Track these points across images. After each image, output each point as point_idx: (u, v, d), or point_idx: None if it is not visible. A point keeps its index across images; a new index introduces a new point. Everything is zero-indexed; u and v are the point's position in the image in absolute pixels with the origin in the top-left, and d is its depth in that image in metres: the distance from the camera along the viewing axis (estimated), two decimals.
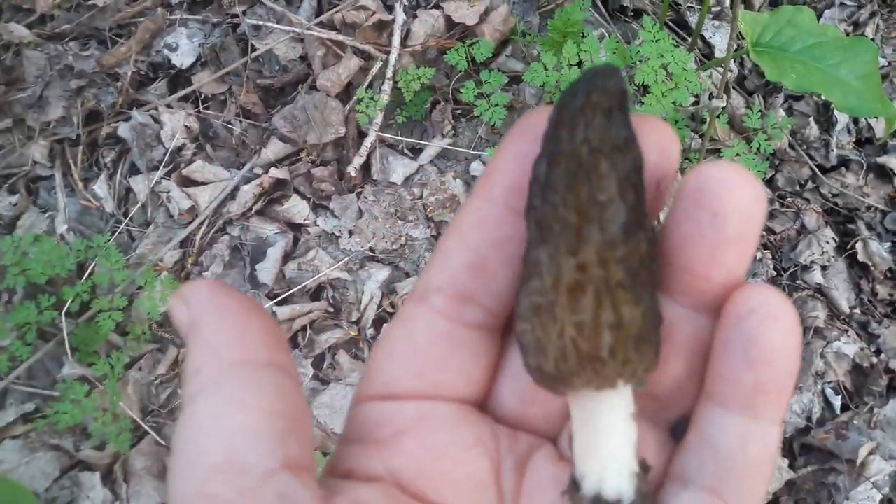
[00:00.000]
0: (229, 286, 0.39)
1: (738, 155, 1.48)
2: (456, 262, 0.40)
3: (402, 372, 0.40)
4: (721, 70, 1.65)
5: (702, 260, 0.36)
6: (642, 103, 1.43)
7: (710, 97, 1.67)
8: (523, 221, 0.38)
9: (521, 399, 0.42)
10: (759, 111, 1.53)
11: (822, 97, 1.45)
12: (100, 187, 1.60)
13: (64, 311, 1.40)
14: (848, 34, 1.87)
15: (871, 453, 1.40)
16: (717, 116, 1.64)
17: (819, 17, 1.91)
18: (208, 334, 0.36)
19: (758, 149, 1.51)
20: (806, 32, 1.47)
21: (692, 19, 1.84)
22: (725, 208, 0.34)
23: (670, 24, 1.83)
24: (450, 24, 1.70)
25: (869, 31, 1.86)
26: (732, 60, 1.59)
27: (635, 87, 1.45)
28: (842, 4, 1.92)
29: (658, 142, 0.38)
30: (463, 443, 0.40)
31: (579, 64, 1.46)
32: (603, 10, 1.74)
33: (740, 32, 1.46)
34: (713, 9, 1.87)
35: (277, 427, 0.35)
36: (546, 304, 0.35)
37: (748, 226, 0.35)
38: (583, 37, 1.59)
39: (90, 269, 1.47)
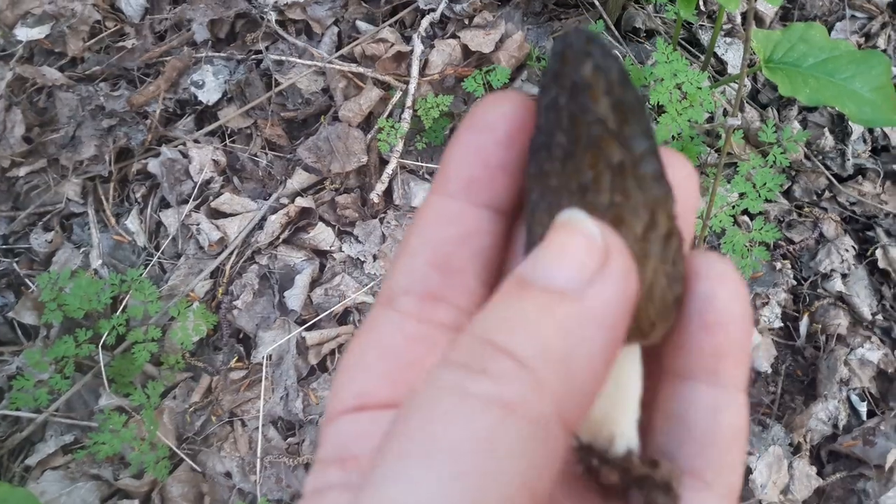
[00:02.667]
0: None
1: (753, 168, 1.50)
2: (421, 262, 0.38)
3: (375, 380, 0.37)
4: (735, 86, 1.67)
5: (712, 349, 0.36)
6: (658, 122, 1.46)
7: (725, 114, 1.69)
8: (485, 214, 0.37)
9: None
10: (774, 125, 1.56)
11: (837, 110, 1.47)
12: (131, 222, 1.65)
13: (101, 344, 1.44)
14: (860, 46, 1.89)
15: None
16: (733, 132, 1.66)
17: (830, 29, 1.93)
18: (579, 357, 0.34)
19: (773, 162, 1.53)
20: (818, 48, 1.49)
21: (704, 37, 1.87)
22: (725, 317, 0.36)
23: (683, 42, 1.86)
24: (466, 52, 1.74)
25: (881, 42, 1.88)
26: (751, 74, 1.61)
27: (651, 108, 1.47)
28: (853, 17, 1.94)
29: (678, 175, 0.37)
30: None
31: None
32: (616, 32, 1.78)
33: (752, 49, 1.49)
34: (725, 26, 1.90)
35: None
36: None
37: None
38: None
39: (124, 302, 1.51)
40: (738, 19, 1.92)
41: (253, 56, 1.80)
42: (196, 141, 1.73)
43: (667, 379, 0.37)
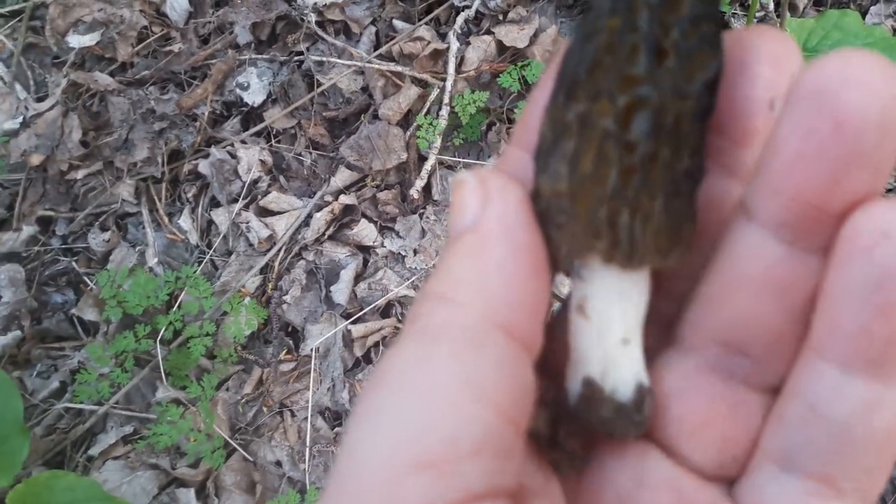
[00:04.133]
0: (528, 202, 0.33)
1: None
2: None
3: None
4: None
5: (818, 187, 0.28)
6: None
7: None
8: None
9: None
10: None
11: None
12: (184, 221, 1.73)
13: (158, 339, 1.51)
14: (894, 29, 1.88)
15: None
16: None
17: (864, 13, 1.92)
18: (494, 271, 0.31)
19: None
20: (853, 35, 1.49)
21: (738, 25, 1.87)
22: (852, 116, 0.26)
23: None
24: (501, 48, 1.77)
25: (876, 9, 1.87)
26: None
27: None
28: (887, 0, 1.92)
29: (772, 52, 0.32)
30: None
31: None
32: None
33: None
34: (758, 14, 1.90)
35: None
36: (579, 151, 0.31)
37: (885, 138, 0.27)
38: None
39: (180, 298, 1.59)
40: (771, 6, 1.92)
41: (295, 57, 1.86)
42: (243, 142, 1.79)
43: (811, 357, 0.31)
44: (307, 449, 1.50)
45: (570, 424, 0.35)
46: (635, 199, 0.31)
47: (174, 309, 1.55)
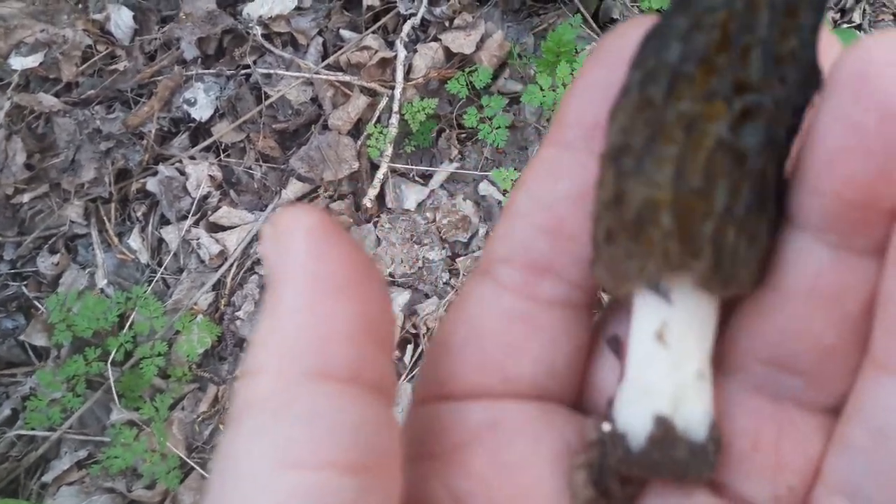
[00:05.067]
0: (344, 233, 0.29)
1: None
2: (527, 225, 0.32)
3: (465, 364, 0.32)
4: None
5: (865, 183, 0.25)
6: None
7: None
8: None
9: None
10: None
11: None
12: (133, 240, 1.71)
13: (110, 361, 1.49)
14: (836, 21, 1.91)
15: None
16: None
17: None
18: (286, 316, 0.27)
19: None
20: None
21: None
22: None
23: None
24: (449, 54, 1.77)
25: (856, 17, 1.90)
26: None
27: None
28: None
29: None
30: (548, 455, 0.31)
31: None
32: (594, 25, 1.81)
33: None
34: None
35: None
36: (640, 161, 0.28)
37: None
38: (576, 53, 1.65)
39: (131, 318, 1.56)
40: None
41: (242, 71, 1.85)
42: (192, 157, 1.77)
43: (873, 372, 0.28)
44: None
45: (627, 467, 0.30)
46: (744, 218, 0.28)
47: (125, 330, 1.53)
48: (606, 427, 0.30)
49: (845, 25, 1.90)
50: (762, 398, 0.31)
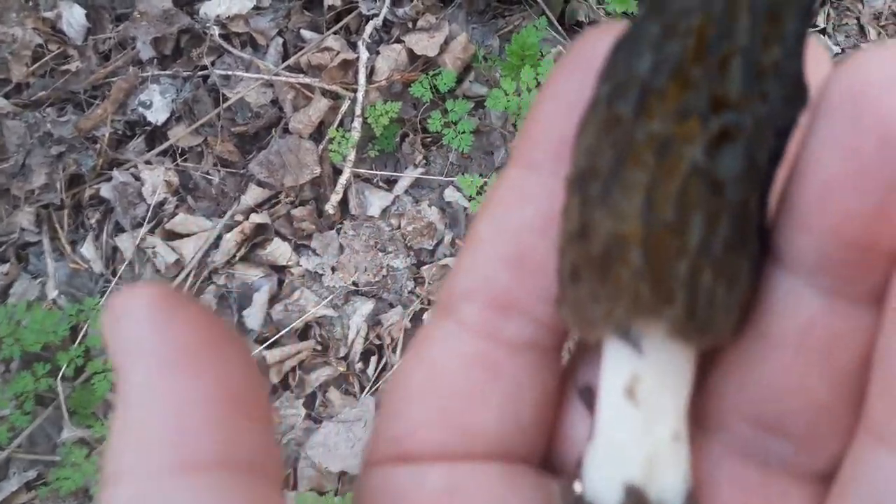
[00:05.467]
0: (183, 302, 0.26)
1: None
2: (490, 256, 0.29)
3: (422, 418, 0.29)
4: None
5: (862, 220, 0.22)
6: None
7: None
8: None
9: None
10: None
11: None
12: (87, 249, 1.65)
13: (60, 377, 1.44)
14: None
15: None
16: None
17: None
18: (135, 408, 0.25)
19: None
20: None
21: None
22: None
23: None
24: (412, 56, 1.73)
25: (821, 21, 1.89)
26: None
27: None
28: None
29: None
30: None
31: (539, 87, 1.50)
32: (559, 27, 1.78)
33: None
34: None
35: None
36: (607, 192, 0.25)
37: None
38: (541, 57, 1.62)
39: (83, 331, 1.51)
40: None
41: (199, 72, 1.79)
42: (147, 162, 1.72)
43: (865, 438, 0.25)
44: None
45: None
46: (723, 257, 0.24)
47: (76, 344, 1.48)
48: (577, 488, 0.27)
49: (810, 30, 1.89)
50: (749, 464, 0.27)
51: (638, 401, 0.26)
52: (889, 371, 0.23)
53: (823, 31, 1.91)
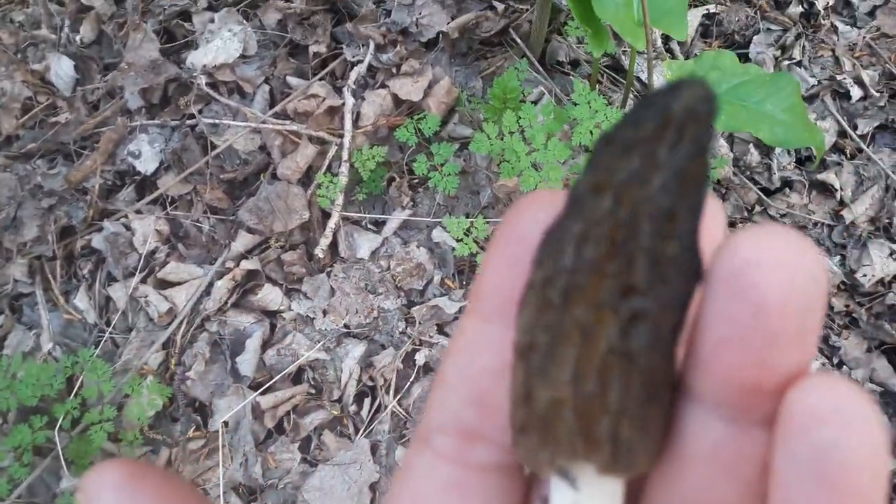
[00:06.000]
0: (145, 471, 0.32)
1: None
2: (456, 397, 0.34)
3: None
4: None
5: (747, 368, 0.28)
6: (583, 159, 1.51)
7: None
8: None
9: None
10: None
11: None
12: (80, 300, 1.67)
13: (57, 429, 1.45)
14: (777, 59, 1.96)
15: None
16: None
17: (748, 43, 1.99)
18: None
19: None
20: (730, 73, 1.55)
21: (627, 61, 1.92)
22: (771, 300, 0.26)
23: (606, 69, 1.92)
24: (397, 101, 1.77)
25: (796, 53, 1.95)
26: None
27: (574, 147, 1.52)
28: (768, 30, 2.00)
29: None
30: None
31: (521, 131, 1.54)
32: (540, 68, 1.82)
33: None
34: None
35: None
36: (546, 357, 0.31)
37: (806, 316, 0.27)
38: (523, 98, 1.67)
39: (79, 381, 1.53)
40: (660, 42, 1.98)
41: (187, 121, 1.82)
42: (138, 212, 1.74)
43: None
44: None
45: None
46: (636, 411, 0.30)
47: (72, 396, 1.49)
48: None
49: (786, 63, 1.94)
50: None
51: None
52: (778, 482, 0.28)
53: (799, 63, 1.96)
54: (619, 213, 0.29)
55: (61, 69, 1.92)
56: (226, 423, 1.52)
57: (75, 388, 1.52)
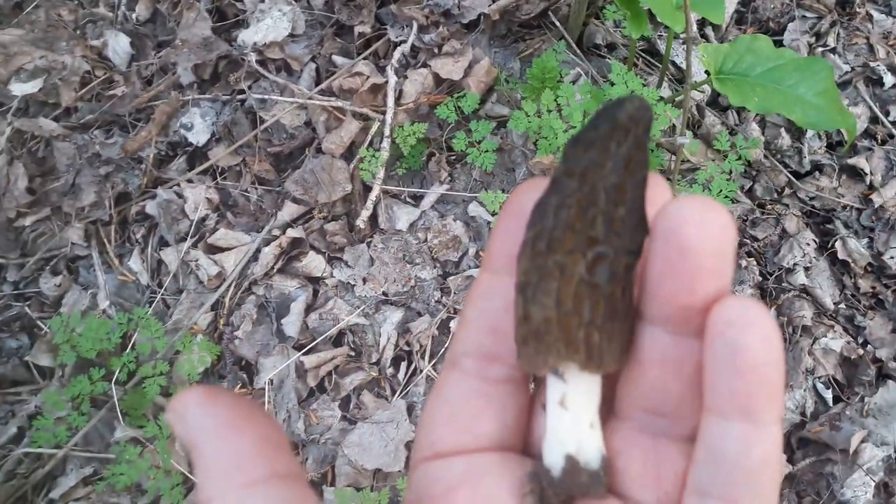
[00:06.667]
0: (219, 392, 0.42)
1: (711, 177, 1.60)
2: (476, 329, 0.46)
3: (445, 431, 0.45)
4: (691, 97, 1.77)
5: (680, 294, 0.39)
6: None
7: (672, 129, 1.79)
8: None
9: None
10: (729, 132, 1.65)
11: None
12: (134, 262, 1.76)
13: (113, 381, 1.54)
14: (811, 45, 1.99)
15: (863, 441, 1.50)
16: (694, 138, 1.77)
17: (783, 30, 2.03)
18: (207, 459, 0.40)
19: (730, 170, 1.63)
20: (765, 57, 1.59)
21: (663, 46, 1.96)
22: (693, 244, 0.38)
23: (642, 53, 1.96)
24: (438, 80, 1.84)
25: (830, 41, 1.98)
26: (706, 84, 1.70)
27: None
28: (803, 17, 2.04)
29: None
30: (509, 488, 0.44)
31: (559, 109, 1.59)
32: (577, 50, 1.88)
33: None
34: (682, 35, 2.00)
35: None
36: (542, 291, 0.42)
37: (719, 255, 0.38)
38: (560, 79, 1.72)
39: (133, 338, 1.62)
40: (695, 28, 2.02)
41: (237, 96, 1.90)
42: (189, 181, 1.83)
43: (705, 413, 0.40)
44: None
45: (554, 491, 0.44)
46: (602, 324, 0.42)
47: (128, 350, 1.59)
48: (539, 465, 0.45)
49: (820, 49, 1.98)
50: (645, 435, 0.44)
51: (567, 407, 0.44)
52: (707, 373, 0.39)
53: (833, 50, 1.99)
54: (583, 188, 0.41)
55: (118, 45, 2.01)
56: (271, 381, 1.60)
57: (130, 344, 1.61)
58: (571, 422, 0.44)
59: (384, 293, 1.71)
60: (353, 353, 1.66)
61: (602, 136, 0.41)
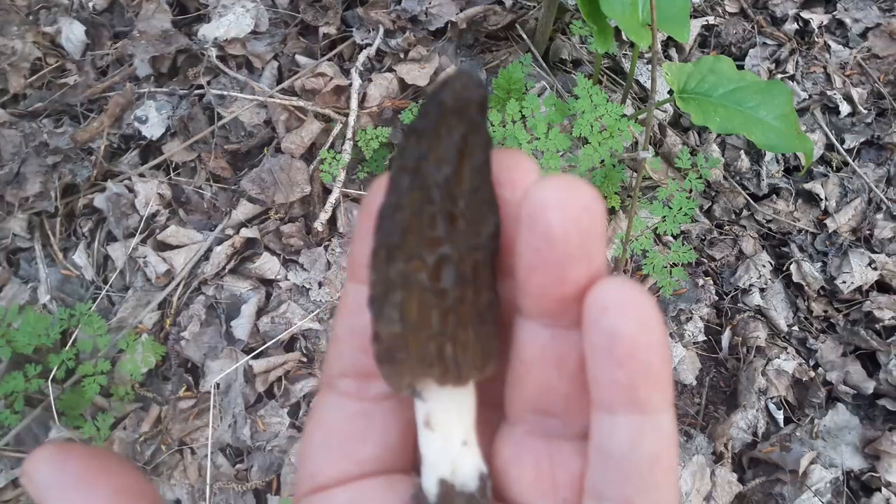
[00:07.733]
0: (72, 448, 0.40)
1: (672, 195, 1.60)
2: (349, 346, 0.42)
3: (325, 460, 0.42)
4: (654, 115, 1.78)
5: (551, 286, 0.36)
6: (581, 152, 1.56)
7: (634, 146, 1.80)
8: None
9: None
10: (690, 152, 1.66)
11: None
12: (79, 256, 1.69)
13: (50, 378, 1.47)
14: (771, 72, 2.03)
15: (812, 463, 1.51)
16: (655, 156, 1.77)
17: (744, 56, 2.06)
18: None
19: (690, 189, 1.64)
20: (726, 78, 1.60)
21: (628, 65, 1.98)
22: (558, 231, 0.34)
23: (607, 70, 1.97)
24: (403, 85, 1.82)
25: (790, 67, 2.01)
26: (668, 103, 1.71)
27: (573, 139, 1.57)
28: (763, 44, 2.07)
29: (511, 178, 0.39)
30: None
31: (523, 120, 1.58)
32: (543, 64, 1.88)
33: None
34: (646, 55, 2.02)
35: None
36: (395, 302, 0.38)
37: (587, 238, 0.35)
38: (526, 91, 1.71)
39: (74, 335, 1.55)
40: (658, 45, 2.03)
41: (195, 91, 1.85)
42: (141, 175, 1.77)
43: (594, 410, 0.37)
44: (207, 487, 1.48)
45: None
46: (453, 333, 0.38)
47: (67, 347, 1.52)
48: (419, 489, 0.41)
49: (780, 76, 2.01)
50: (537, 438, 0.41)
51: (433, 428, 0.40)
52: (589, 363, 0.36)
53: (792, 78, 2.03)
54: (415, 185, 0.37)
55: (72, 33, 1.95)
56: (217, 385, 1.55)
57: (70, 341, 1.54)
58: (441, 442, 0.40)
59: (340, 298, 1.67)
60: (304, 359, 1.61)
61: (432, 124, 0.37)
